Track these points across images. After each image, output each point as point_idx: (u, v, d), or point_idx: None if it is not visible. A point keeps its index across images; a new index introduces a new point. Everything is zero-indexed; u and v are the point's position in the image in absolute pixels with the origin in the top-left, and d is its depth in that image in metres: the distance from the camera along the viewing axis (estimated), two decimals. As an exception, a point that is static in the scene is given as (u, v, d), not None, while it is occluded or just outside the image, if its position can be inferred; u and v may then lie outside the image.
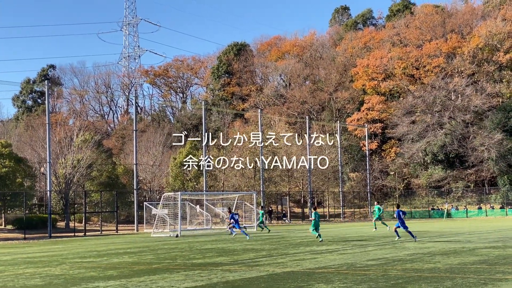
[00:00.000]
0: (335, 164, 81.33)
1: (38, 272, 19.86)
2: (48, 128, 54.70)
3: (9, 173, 58.15)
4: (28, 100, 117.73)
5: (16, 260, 25.69)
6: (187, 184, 71.85)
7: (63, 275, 18.83)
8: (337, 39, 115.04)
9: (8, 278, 18.50)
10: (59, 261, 24.40)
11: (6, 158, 58.88)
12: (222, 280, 16.28)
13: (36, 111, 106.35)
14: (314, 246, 27.98)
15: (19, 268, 21.65)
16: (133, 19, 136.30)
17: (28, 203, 61.77)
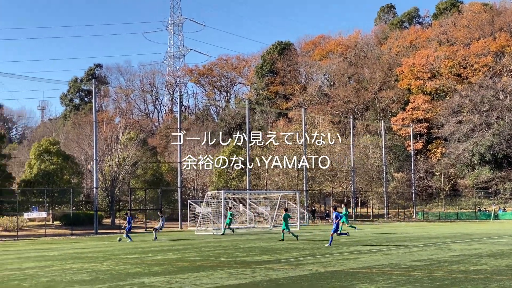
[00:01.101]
0: (379, 164, 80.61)
1: (85, 268, 20.21)
2: (95, 126, 55.62)
3: (57, 170, 59.40)
4: (76, 99, 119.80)
5: (64, 256, 26.19)
6: (230, 182, 72.16)
7: (109, 270, 19.12)
8: (382, 38, 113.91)
9: (56, 273, 18.88)
10: (105, 257, 24.79)
11: (54, 155, 60.15)
12: (265, 278, 16.30)
13: (83, 109, 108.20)
14: (358, 246, 27.79)
15: (66, 263, 22.07)
16: (178, 19, 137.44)
17: (75, 200, 62.94)
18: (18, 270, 20.11)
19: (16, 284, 16.18)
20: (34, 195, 58.66)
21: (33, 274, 18.68)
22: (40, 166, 58.91)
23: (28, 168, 60.62)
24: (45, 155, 60.13)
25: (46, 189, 54.74)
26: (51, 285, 15.81)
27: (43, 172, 58.57)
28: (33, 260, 23.98)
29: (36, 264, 22.26)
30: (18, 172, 67.34)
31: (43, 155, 60.09)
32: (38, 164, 59.11)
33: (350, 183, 75.55)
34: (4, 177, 56.62)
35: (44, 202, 55.74)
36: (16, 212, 51.11)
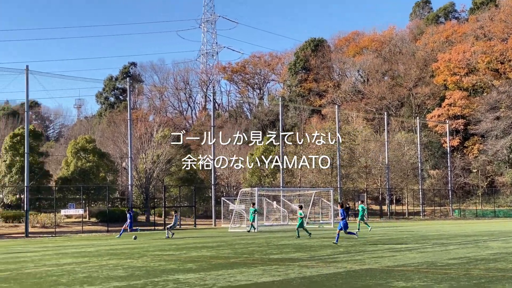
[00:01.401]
0: (414, 161, 79.82)
1: (121, 264, 20.41)
2: (130, 124, 56.16)
3: (93, 167, 60.17)
4: (111, 97, 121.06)
5: (100, 252, 26.51)
6: (264, 180, 72.19)
7: (145, 267, 19.28)
8: (417, 33, 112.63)
9: (92, 269, 19.11)
10: (141, 253, 25.01)
11: (90, 153, 60.93)
12: (299, 275, 16.26)
13: (118, 107, 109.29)
14: (393, 244, 27.56)
15: (102, 260, 22.32)
16: (211, 17, 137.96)
17: (111, 197, 63.68)
18: (56, 266, 20.41)
19: (54, 280, 16.41)
20: (71, 192, 59.55)
21: (71, 270, 18.93)
22: (76, 164, 59.73)
23: (65, 166, 61.52)
24: (81, 153, 60.97)
25: (82, 186, 55.51)
26: (88, 281, 16.00)
27: (79, 170, 59.38)
28: (70, 256, 24.32)
29: (73, 260, 22.57)
30: (56, 170, 68.38)
31: (79, 152, 60.94)
32: (74, 162, 59.95)
33: (385, 180, 74.97)
34: (42, 175, 57.56)
35: (81, 199, 56.52)
36: (54, 209, 51.92)
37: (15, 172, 56.26)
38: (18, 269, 19.75)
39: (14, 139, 57.93)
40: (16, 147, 57.38)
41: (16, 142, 57.51)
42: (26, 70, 48.19)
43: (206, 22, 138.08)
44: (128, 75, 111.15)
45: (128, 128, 56.73)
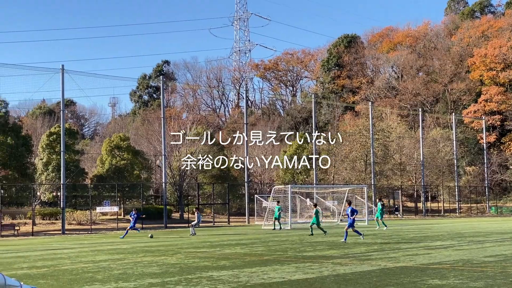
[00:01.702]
0: (450, 157, 78.86)
1: (155, 261, 20.60)
2: (163, 122, 56.60)
3: (127, 165, 60.80)
4: (144, 95, 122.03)
5: (135, 249, 26.78)
6: (297, 177, 72.07)
7: (179, 264, 19.43)
8: (452, 28, 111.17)
9: (127, 265, 19.32)
10: (175, 250, 25.20)
11: (124, 151, 61.58)
12: (333, 273, 16.20)
13: (152, 105, 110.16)
14: (428, 242, 27.29)
15: (137, 257, 22.55)
16: (243, 14, 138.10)
17: (145, 194, 64.28)
18: (92, 262, 20.69)
19: (90, 277, 16.63)
20: (106, 189, 60.26)
21: (106, 266, 19.17)
22: (111, 162, 60.42)
23: (100, 164, 62.28)
24: (116, 151, 61.63)
25: (117, 183, 56.12)
26: (123, 277, 16.18)
27: (114, 167, 60.05)
28: (106, 253, 24.62)
29: (108, 257, 22.84)
30: (91, 168, 69.29)
31: (114, 150, 61.61)
32: (109, 160, 60.64)
33: (420, 177, 74.24)
34: (77, 173, 58.36)
35: (116, 196, 57.15)
36: (89, 206, 52.61)
37: (51, 170, 57.13)
38: (55, 265, 20.07)
39: (50, 137, 58.82)
40: (52, 146, 58.25)
41: (52, 141, 58.38)
42: (62, 70, 48.89)
43: (239, 20, 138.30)
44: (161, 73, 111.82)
45: (161, 126, 57.18)
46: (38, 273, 17.86)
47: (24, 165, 55.66)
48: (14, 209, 56.24)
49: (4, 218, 50.93)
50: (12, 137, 53.43)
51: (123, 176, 60.02)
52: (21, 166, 54.57)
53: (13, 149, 52.75)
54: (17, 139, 54.25)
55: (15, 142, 53.62)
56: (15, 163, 53.65)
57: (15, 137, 54.23)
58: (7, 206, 56.31)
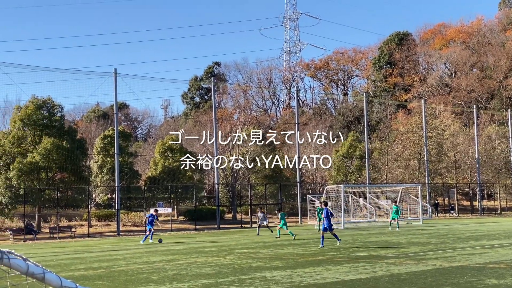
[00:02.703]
0: (506, 154, 77.04)
1: (209, 261, 20.77)
2: (215, 123, 57.02)
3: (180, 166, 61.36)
4: (196, 97, 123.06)
5: (189, 250, 27.06)
6: (349, 176, 71.57)
7: (232, 264, 19.54)
8: (507, 23, 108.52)
9: (181, 266, 19.54)
10: (228, 251, 25.35)
11: (177, 152, 62.20)
12: (387, 273, 16.04)
13: (203, 107, 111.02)
14: (484, 241, 26.73)
15: (191, 257, 22.78)
16: (293, 14, 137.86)
17: (198, 196, 64.85)
18: (147, 263, 21.00)
19: (145, 277, 16.89)
20: (159, 191, 61.03)
21: (160, 267, 19.43)
22: (164, 163, 61.14)
23: (153, 165, 63.12)
24: (168, 153, 62.35)
25: (170, 185, 56.78)
26: (177, 278, 16.37)
27: (167, 169, 60.76)
28: (160, 254, 24.95)
29: (163, 258, 23.15)
30: (144, 169, 70.28)
31: (166, 152, 62.34)
32: (162, 161, 61.39)
33: (475, 175, 72.76)
34: (131, 175, 59.28)
35: (169, 198, 57.83)
36: (143, 208, 53.40)
37: (106, 173, 58.18)
38: (111, 266, 20.46)
39: (104, 140, 59.92)
40: (106, 148, 59.32)
41: (106, 143, 59.46)
42: (115, 73, 49.80)
43: (289, 20, 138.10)
44: (212, 75, 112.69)
45: (213, 127, 57.59)
46: (94, 274, 18.23)
47: (80, 168, 56.81)
48: (71, 211, 57.56)
49: (61, 220, 52.18)
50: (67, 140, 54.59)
51: (176, 177, 60.67)
52: (76, 169, 55.73)
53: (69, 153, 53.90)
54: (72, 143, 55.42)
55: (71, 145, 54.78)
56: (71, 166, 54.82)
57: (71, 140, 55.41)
58: (63, 208, 57.68)
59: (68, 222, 53.69)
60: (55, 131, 54.25)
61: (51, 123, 54.20)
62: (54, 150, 52.04)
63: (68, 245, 36.50)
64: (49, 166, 52.88)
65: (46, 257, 25.95)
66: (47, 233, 48.11)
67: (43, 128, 53.19)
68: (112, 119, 65.51)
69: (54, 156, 52.48)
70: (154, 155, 64.68)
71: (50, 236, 46.82)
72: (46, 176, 53.40)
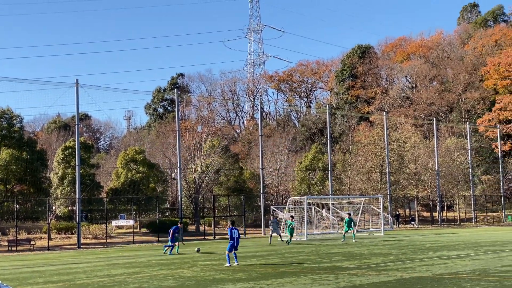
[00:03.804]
0: (465, 166, 78.39)
1: (171, 274, 20.63)
2: (178, 135, 56.78)
3: (143, 178, 60.93)
4: (159, 108, 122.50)
5: (151, 262, 26.83)
6: (312, 188, 71.95)
7: (195, 277, 19.45)
8: (465, 37, 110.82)
9: (143, 279, 19.37)
10: (191, 263, 25.22)
11: (139, 164, 61.73)
12: (349, 284, 16.16)
13: (167, 118, 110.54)
14: (444, 251, 27.12)
15: (153, 270, 22.60)
16: (257, 26, 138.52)
17: (161, 207, 64.35)
18: (108, 276, 20.76)
19: (106, 290, 16.69)
20: (121, 203, 60.43)
21: (122, 280, 19.23)
22: (126, 175, 60.60)
23: (115, 177, 62.49)
24: (131, 164, 61.83)
25: (132, 197, 56.27)
26: (138, 290, 16.22)
27: (129, 181, 60.22)
28: (121, 267, 24.69)
29: (124, 270, 22.91)
30: (106, 181, 69.53)
31: (129, 164, 61.81)
32: (124, 173, 60.84)
33: (435, 187, 73.84)
34: (93, 186, 58.62)
35: (131, 210, 57.29)
36: (105, 220, 52.78)
37: (66, 184, 57.40)
38: (71, 280, 20.16)
39: (65, 151, 59.14)
40: (67, 160, 58.56)
41: (67, 155, 58.68)
42: (76, 84, 49.27)
43: (253, 32, 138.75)
44: (176, 86, 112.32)
45: (177, 139, 57.36)
46: None
47: (39, 180, 55.97)
48: (30, 223, 56.52)
49: (20, 233, 51.22)
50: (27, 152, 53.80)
51: (138, 189, 60.18)
52: (36, 181, 54.88)
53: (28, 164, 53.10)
54: (32, 154, 54.61)
55: (30, 157, 53.98)
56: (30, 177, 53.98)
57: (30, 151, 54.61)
58: (22, 220, 56.61)
59: (27, 234, 52.72)
60: (14, 142, 53.38)
61: (10, 134, 53.33)
62: (13, 161, 51.21)
63: (27, 258, 35.86)
64: (7, 178, 52.00)
65: (4, 271, 25.46)
66: (5, 246, 47.16)
67: (1, 139, 52.31)
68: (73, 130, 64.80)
69: (13, 168, 51.64)
70: (117, 167, 64.06)
71: (8, 249, 45.90)
72: (4, 188, 52.46)
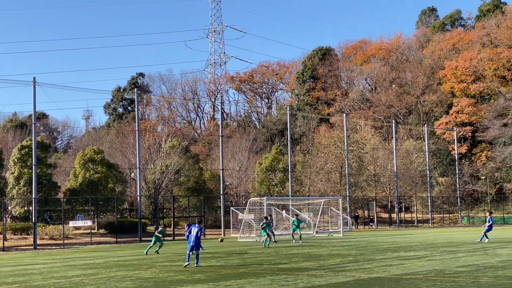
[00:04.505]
0: (423, 168, 79.60)
1: (129, 275, 20.44)
2: (138, 135, 56.30)
3: (101, 178, 60.25)
4: (119, 108, 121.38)
5: (108, 263, 26.54)
6: (273, 189, 72.15)
7: (153, 278, 19.31)
8: (424, 41, 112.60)
9: (100, 280, 19.14)
10: (149, 264, 25.03)
11: (98, 164, 61.03)
12: (308, 285, 16.24)
13: (126, 118, 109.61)
14: (401, 252, 27.48)
15: (111, 271, 22.36)
16: (218, 26, 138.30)
17: (119, 208, 63.69)
18: (64, 278, 20.46)
19: (62, 292, 16.45)
20: (79, 203, 59.63)
21: (79, 282, 18.98)
22: (85, 175, 59.84)
23: (73, 177, 61.64)
24: (89, 164, 61.08)
25: (91, 197, 55.59)
26: (96, 292, 16.03)
27: (87, 181, 59.48)
28: (78, 268, 24.36)
29: (81, 272, 22.62)
30: (64, 181, 68.54)
31: (87, 164, 61.04)
32: (83, 173, 60.05)
33: (394, 188, 74.79)
34: (50, 186, 57.73)
35: (89, 210, 56.59)
36: (62, 221, 52.02)
37: (23, 184, 56.42)
38: (26, 281, 19.81)
39: (22, 151, 58.12)
40: (24, 159, 57.56)
41: (24, 154, 57.69)
42: (33, 82, 48.43)
43: (214, 32, 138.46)
44: (136, 85, 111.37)
45: (136, 139, 56.87)
46: (9, 289, 17.62)
47: (-5, 180, 54.97)
48: (-15, 224, 55.36)
49: (-25, 233, 50.12)
50: (-17, 151, 52.75)
51: (97, 189, 59.46)
52: (-9, 181, 53.86)
53: (-16, 163, 52.10)
54: (-12, 153, 53.57)
55: (-14, 156, 52.95)
56: (-14, 177, 52.95)
57: (-13, 151, 53.56)
58: (-23, 221, 55.40)
59: (-18, 235, 51.66)
60: (-31, 141, 52.22)
61: (-35, 133, 52.14)
62: (-32, 160, 50.10)
63: (-18, 259, 35.11)
64: (-38, 177, 50.84)
65: (-43, 272, 24.88)
66: (-41, 247, 46.12)
67: (-44, 138, 51.05)
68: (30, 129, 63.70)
69: (-33, 167, 50.54)
70: (74, 167, 63.20)
71: (-38, 250, 44.90)
72: (-42, 188, 51.27)
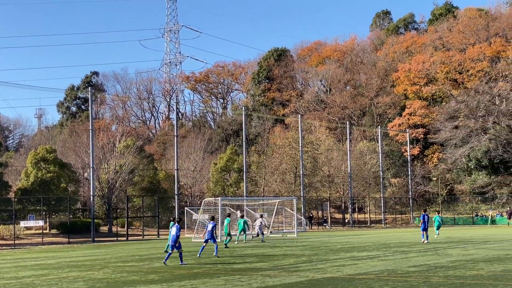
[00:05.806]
0: (376, 169, 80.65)
1: (81, 276, 20.20)
2: (92, 134, 55.60)
3: (54, 178, 59.30)
4: (72, 107, 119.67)
5: (60, 264, 26.17)
6: (227, 189, 72.14)
7: (106, 279, 19.12)
8: (378, 43, 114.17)
9: (52, 281, 18.87)
10: (102, 265, 24.78)
11: (51, 163, 60.05)
12: (261, 285, 16.32)
13: (80, 117, 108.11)
14: (354, 252, 27.82)
15: (63, 272, 22.06)
16: (174, 26, 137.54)
17: (72, 208, 62.81)
18: (15, 279, 20.10)
19: (13, 293, 16.16)
20: (31, 203, 58.57)
21: (30, 283, 18.67)
22: (37, 174, 58.81)
23: (24, 177, 60.52)
24: (41, 163, 60.04)
25: (43, 197, 54.66)
26: (47, 294, 15.80)
27: (40, 180, 58.47)
28: (29, 269, 23.95)
29: (32, 272, 22.25)
30: (15, 181, 67.23)
31: (40, 163, 60.00)
32: (34, 172, 59.01)
33: (347, 189, 75.58)
34: (0, 186, 56.54)
35: (41, 210, 55.65)
36: (13, 221, 51.01)
37: (-27, 183, 55.17)
38: (-24, 282, 19.40)
39: (-28, 149, 56.87)
40: (-26, 158, 56.33)
41: (-26, 153, 56.46)
42: (-15, 80, 47.43)
43: (170, 32, 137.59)
44: (90, 84, 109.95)
45: (90, 138, 56.15)
46: (-43, 291, 17.23)
47: None
48: None
49: None
50: None
51: (49, 189, 58.50)
52: None
53: None
54: None
55: None
56: None
57: None
58: None
59: None
60: None
61: None
62: None
63: None
64: None
65: None
66: None
67: None
68: (-19, 127, 62.27)
69: None
70: (26, 166, 62.04)
71: None
72: None
